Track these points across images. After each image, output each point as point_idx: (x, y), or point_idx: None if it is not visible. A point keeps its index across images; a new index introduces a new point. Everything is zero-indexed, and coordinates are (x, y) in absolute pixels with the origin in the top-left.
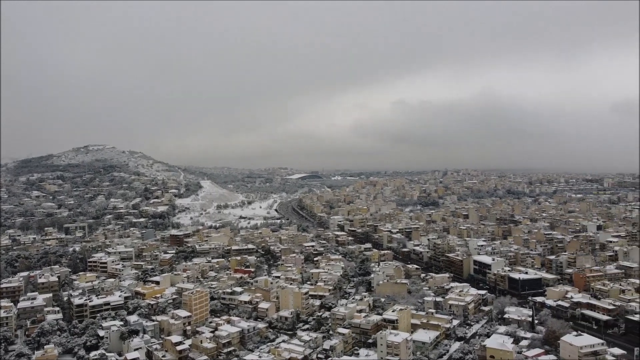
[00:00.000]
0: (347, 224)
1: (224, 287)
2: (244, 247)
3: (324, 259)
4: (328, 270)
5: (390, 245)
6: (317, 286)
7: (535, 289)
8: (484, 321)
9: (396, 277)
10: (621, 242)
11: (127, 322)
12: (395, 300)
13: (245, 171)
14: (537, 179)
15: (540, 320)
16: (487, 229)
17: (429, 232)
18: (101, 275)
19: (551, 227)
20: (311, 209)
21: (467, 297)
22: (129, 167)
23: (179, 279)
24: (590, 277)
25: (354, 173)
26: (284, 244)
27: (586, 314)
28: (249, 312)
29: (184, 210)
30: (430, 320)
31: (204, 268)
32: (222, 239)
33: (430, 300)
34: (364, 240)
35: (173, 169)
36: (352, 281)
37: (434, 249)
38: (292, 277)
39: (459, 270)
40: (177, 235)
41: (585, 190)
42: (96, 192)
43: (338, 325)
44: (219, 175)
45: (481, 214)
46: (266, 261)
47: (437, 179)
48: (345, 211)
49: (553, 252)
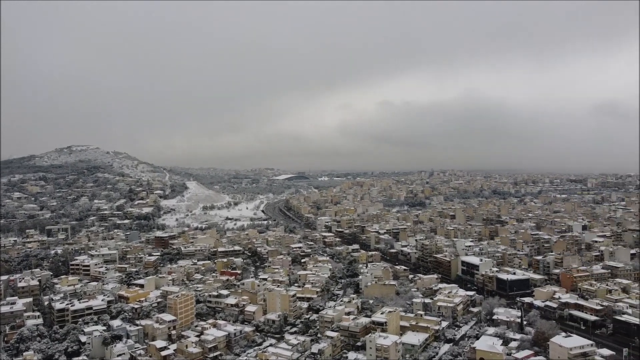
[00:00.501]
0: (334, 225)
1: (210, 289)
2: (230, 249)
3: (311, 261)
4: (316, 272)
5: (377, 246)
6: (305, 288)
7: (523, 290)
8: (472, 322)
9: (384, 279)
10: (606, 242)
11: (110, 327)
12: (383, 302)
13: (232, 172)
14: (522, 179)
15: (528, 321)
16: (474, 230)
17: (417, 233)
18: (84, 278)
19: (537, 227)
20: (298, 209)
21: (456, 299)
22: (113, 167)
23: (163, 281)
24: (577, 278)
25: (341, 173)
26: (271, 246)
27: (574, 314)
28: (235, 316)
29: (169, 211)
30: (419, 322)
31: (189, 270)
32: (208, 240)
33: (419, 301)
34: (351, 241)
35: (158, 170)
36: (340, 283)
37: (421, 250)
38: (279, 279)
39: (447, 271)
40: (162, 237)
41: (570, 190)
42: (79, 193)
43: (326, 328)
44: (205, 176)
45: (468, 215)
46: (253, 263)
47: (423, 180)
48: (333, 212)
49: (540, 253)
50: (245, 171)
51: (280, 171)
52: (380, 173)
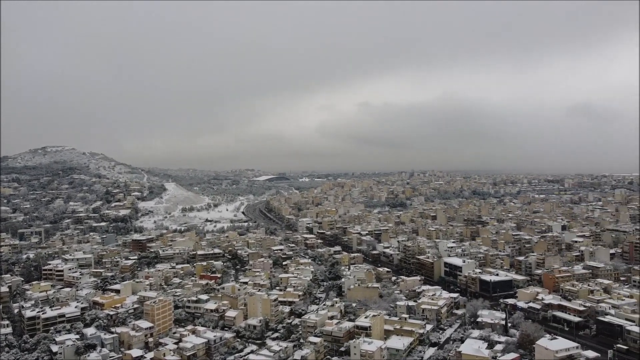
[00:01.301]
0: (315, 226)
1: (189, 294)
2: (210, 252)
3: (293, 263)
4: (297, 274)
5: (359, 248)
6: (287, 292)
7: (506, 291)
8: (457, 325)
9: (367, 281)
10: (586, 242)
11: (84, 336)
12: (367, 305)
13: (212, 173)
14: (501, 179)
15: (513, 323)
16: (456, 230)
17: (399, 234)
18: (57, 284)
19: (518, 227)
20: (279, 211)
21: (440, 301)
22: (89, 169)
23: (140, 286)
24: (559, 278)
25: (322, 174)
26: (251, 248)
27: (558, 315)
28: (215, 321)
29: (147, 213)
30: (403, 325)
31: (167, 274)
32: (187, 243)
33: (403, 304)
34: (333, 243)
35: (136, 171)
36: (322, 286)
37: (404, 251)
38: (260, 283)
39: (429, 272)
40: (140, 240)
41: (548, 190)
42: (54, 195)
43: (309, 334)
44: (184, 177)
45: (449, 215)
46: (233, 266)
47: (404, 180)
48: (314, 213)
49: (521, 253)
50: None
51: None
52: (361, 174)
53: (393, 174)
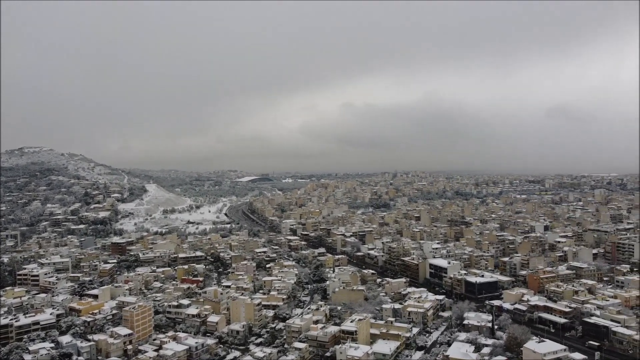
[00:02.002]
0: (299, 228)
1: (170, 299)
2: (191, 255)
3: (276, 266)
4: (281, 277)
5: (344, 250)
6: (270, 295)
7: (492, 292)
8: (443, 328)
9: (352, 284)
10: (569, 242)
11: (59, 344)
12: (352, 308)
13: (194, 174)
14: (483, 180)
15: (499, 325)
16: (440, 231)
17: (383, 235)
18: (32, 289)
19: (501, 228)
20: (262, 212)
21: (426, 304)
22: (68, 170)
23: (119, 291)
24: (544, 279)
25: (305, 175)
26: (234, 251)
27: (543, 317)
28: (197, 327)
29: (127, 215)
30: (389, 329)
31: (148, 278)
32: (168, 246)
33: (389, 307)
34: (317, 245)
35: (116, 172)
36: (307, 288)
37: (389, 253)
38: (243, 286)
39: (414, 274)
40: (119, 243)
41: (529, 190)
42: (31, 197)
43: (294, 339)
44: (166, 179)
45: (432, 216)
46: (216, 269)
47: (387, 181)
48: (297, 214)
49: (505, 254)
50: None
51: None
52: (344, 174)
53: (376, 174)
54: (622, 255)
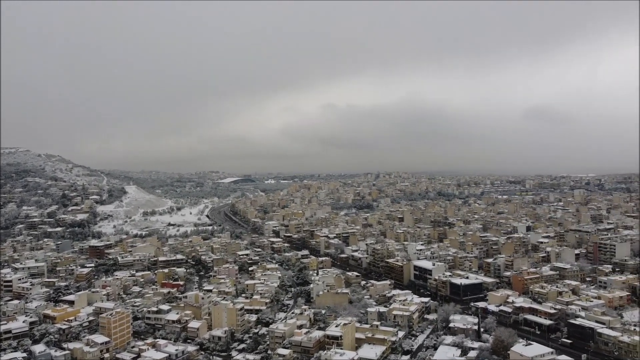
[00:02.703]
0: (282, 230)
1: (150, 304)
2: (172, 258)
3: (259, 269)
4: (264, 280)
5: (327, 251)
6: (253, 299)
7: (477, 294)
8: (428, 331)
9: (337, 287)
10: (551, 242)
11: (32, 354)
12: (336, 311)
13: (175, 175)
14: (465, 180)
15: (485, 328)
16: (423, 232)
17: (367, 237)
18: (4, 296)
19: (484, 228)
20: (245, 214)
21: (411, 307)
22: (45, 171)
23: (97, 297)
24: (528, 280)
25: (288, 176)
26: (216, 253)
27: (529, 319)
28: (177, 333)
29: (106, 218)
30: (375, 333)
31: (126, 283)
32: (148, 249)
33: (374, 311)
34: (300, 247)
35: (95, 174)
36: (290, 292)
37: (373, 255)
38: (225, 290)
39: (399, 276)
40: (97, 246)
41: (510, 191)
42: (7, 199)
43: (277, 344)
44: (146, 180)
45: (416, 217)
46: (197, 272)
47: (370, 182)
48: (280, 216)
49: (489, 255)
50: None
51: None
52: (327, 175)
53: (359, 175)
54: (604, 256)
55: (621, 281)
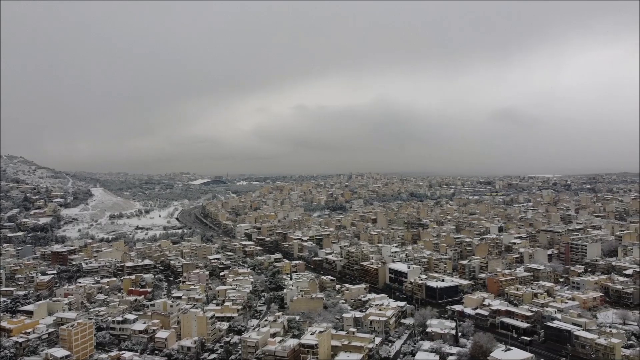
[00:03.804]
0: (254, 232)
1: (115, 313)
2: (139, 263)
3: (231, 273)
4: (236, 286)
5: (301, 255)
6: (225, 306)
7: (453, 297)
8: (405, 336)
9: (311, 292)
10: (524, 243)
11: None
12: (311, 317)
13: (144, 177)
14: (436, 181)
15: (463, 332)
16: (397, 234)
17: (341, 239)
18: None
19: (457, 229)
20: (216, 216)
21: (388, 311)
22: (6, 173)
23: (58, 306)
24: (503, 282)
25: (260, 178)
26: (186, 258)
27: (505, 322)
28: (144, 344)
29: (70, 221)
30: (351, 341)
31: (90, 291)
32: (115, 254)
33: (350, 316)
34: (273, 250)
35: (60, 175)
36: (263, 297)
37: (347, 257)
38: (195, 297)
39: (374, 279)
40: (60, 252)
41: (480, 192)
42: None
43: (250, 354)
44: (114, 182)
45: (389, 218)
46: (166, 278)
47: (342, 183)
48: (252, 218)
49: (463, 256)
50: (158, 176)
51: (196, 175)
52: (299, 177)
53: (331, 176)
54: (576, 256)
55: (593, 281)
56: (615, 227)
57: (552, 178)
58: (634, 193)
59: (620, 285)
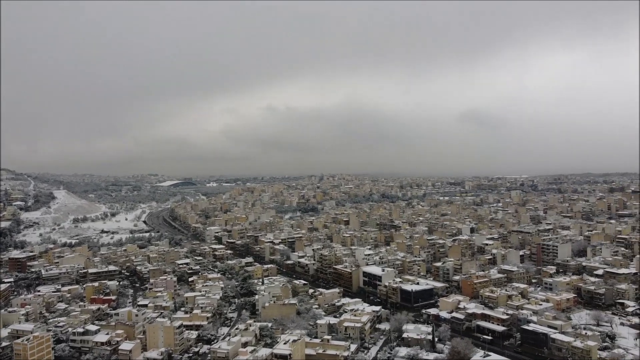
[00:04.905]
0: (225, 236)
1: (76, 323)
2: (104, 270)
3: (200, 279)
4: (205, 292)
5: (273, 258)
6: (194, 314)
7: (428, 300)
8: (381, 342)
9: (283, 297)
10: (496, 244)
11: None
12: (284, 324)
13: (110, 178)
14: (407, 182)
15: (439, 337)
16: (370, 236)
17: (313, 242)
18: None
19: (429, 231)
20: (185, 219)
21: (363, 317)
22: None
23: (14, 317)
24: (477, 284)
25: (230, 179)
26: (153, 263)
27: (482, 325)
28: (106, 357)
29: (31, 225)
30: (326, 349)
31: (50, 299)
32: (78, 259)
33: (324, 323)
34: (244, 253)
35: (21, 177)
36: (234, 303)
37: (320, 261)
38: (162, 305)
39: (348, 283)
40: (19, 258)
41: (450, 192)
42: None
43: None
44: (79, 184)
45: (361, 220)
46: (132, 285)
47: (314, 184)
48: (223, 221)
49: (436, 258)
50: (125, 178)
51: (165, 177)
52: (270, 178)
53: (303, 178)
54: (547, 257)
55: (565, 282)
56: (584, 227)
57: (519, 179)
58: (598, 193)
59: (592, 286)
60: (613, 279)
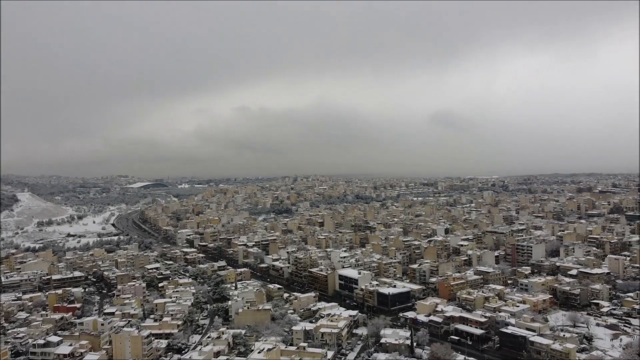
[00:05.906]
0: (197, 239)
1: (37, 334)
2: (69, 276)
3: (171, 284)
4: (176, 298)
5: (246, 261)
6: (163, 322)
7: (405, 303)
8: (358, 348)
9: (258, 302)
10: (471, 245)
11: None
12: (258, 331)
13: (78, 180)
14: (381, 183)
15: (418, 342)
16: (345, 237)
17: (287, 244)
18: None
19: (404, 232)
20: (155, 222)
21: (340, 322)
22: None
23: None
24: (454, 286)
25: (202, 180)
26: (121, 268)
27: (460, 328)
28: None
29: None
30: (302, 357)
31: (10, 308)
32: (41, 265)
33: (300, 330)
34: (217, 257)
35: None
36: (206, 309)
37: (295, 264)
38: (130, 312)
39: (324, 286)
40: None
41: (424, 193)
42: None
43: None
44: (45, 186)
45: (336, 221)
46: (98, 291)
47: (288, 186)
48: (195, 223)
49: (412, 259)
50: (94, 179)
51: (135, 179)
52: (243, 179)
53: (276, 179)
54: (522, 257)
55: (541, 283)
56: (555, 227)
57: (490, 179)
58: (567, 193)
59: (567, 287)
60: (587, 279)
